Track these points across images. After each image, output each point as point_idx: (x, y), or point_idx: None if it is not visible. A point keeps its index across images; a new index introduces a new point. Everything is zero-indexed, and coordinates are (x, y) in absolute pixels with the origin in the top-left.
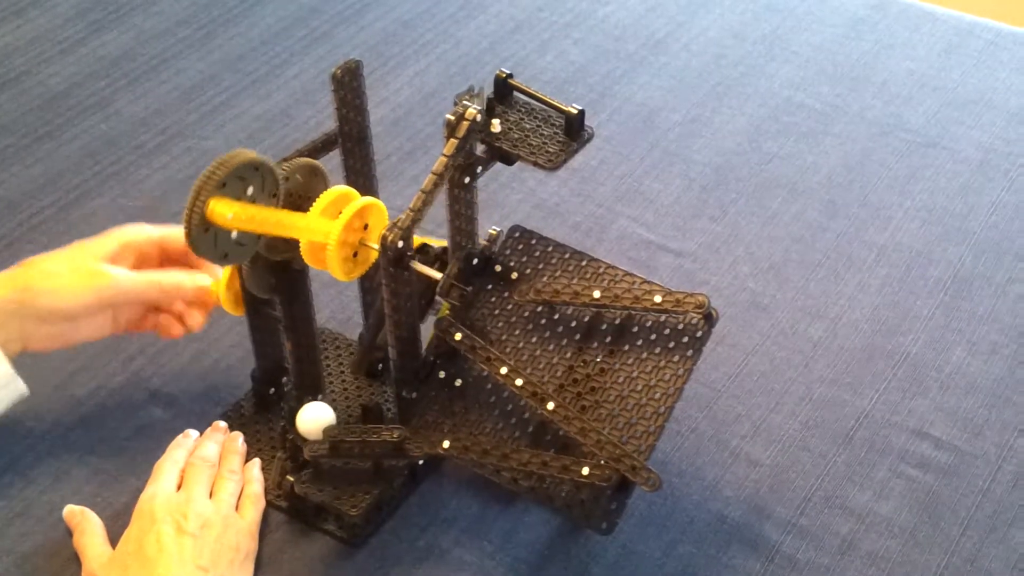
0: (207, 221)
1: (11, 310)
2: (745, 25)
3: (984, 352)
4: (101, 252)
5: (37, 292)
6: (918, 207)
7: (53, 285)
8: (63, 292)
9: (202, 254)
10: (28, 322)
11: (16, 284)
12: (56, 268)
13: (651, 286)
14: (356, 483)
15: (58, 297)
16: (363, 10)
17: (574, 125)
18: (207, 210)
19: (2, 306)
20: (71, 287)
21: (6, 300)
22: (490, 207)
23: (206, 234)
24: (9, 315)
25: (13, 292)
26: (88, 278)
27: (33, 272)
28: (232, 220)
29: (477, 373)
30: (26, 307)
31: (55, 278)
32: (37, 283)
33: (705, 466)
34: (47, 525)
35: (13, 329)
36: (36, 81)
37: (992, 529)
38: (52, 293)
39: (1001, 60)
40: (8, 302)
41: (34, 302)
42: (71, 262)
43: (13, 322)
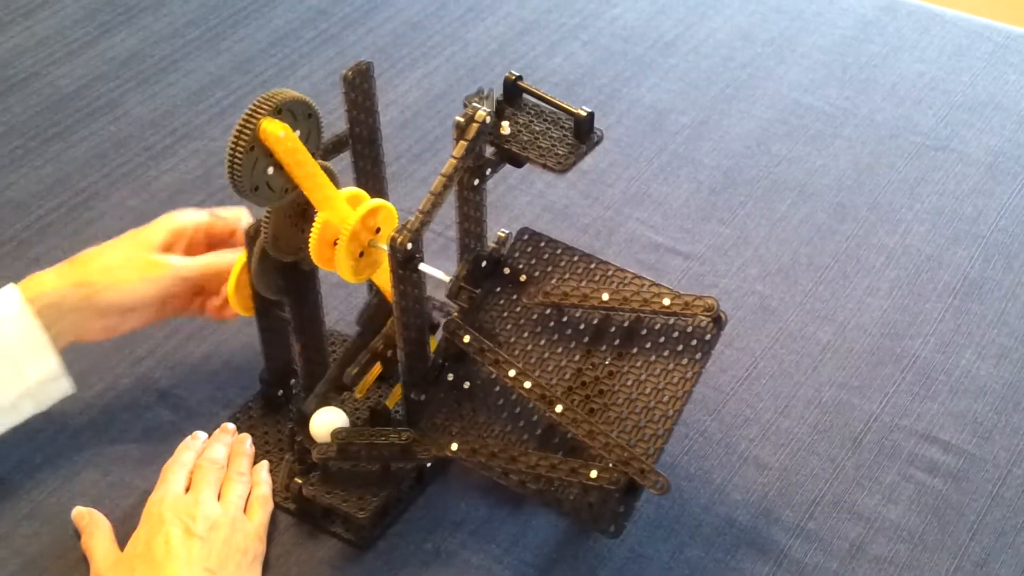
0: (256, 139)
1: (72, 305)
2: (754, 27)
3: (994, 356)
4: (154, 241)
5: (99, 287)
6: (927, 210)
7: (114, 279)
8: (125, 286)
9: (236, 175)
10: (86, 316)
11: (76, 279)
12: (115, 262)
13: (660, 289)
14: (364, 485)
15: (120, 291)
16: (372, 12)
17: (583, 127)
18: (260, 125)
19: (63, 300)
20: (132, 280)
21: (66, 294)
22: (499, 209)
23: (248, 154)
24: (69, 309)
25: (72, 287)
26: (147, 270)
27: (92, 267)
28: (283, 139)
29: (485, 376)
30: (87, 302)
31: (115, 272)
32: (98, 278)
33: (713, 469)
34: (55, 526)
35: (69, 323)
36: (45, 82)
37: (1001, 534)
38: (114, 287)
39: (1011, 63)
40: (69, 296)
41: (95, 297)
42: (128, 255)
43: (71, 316)
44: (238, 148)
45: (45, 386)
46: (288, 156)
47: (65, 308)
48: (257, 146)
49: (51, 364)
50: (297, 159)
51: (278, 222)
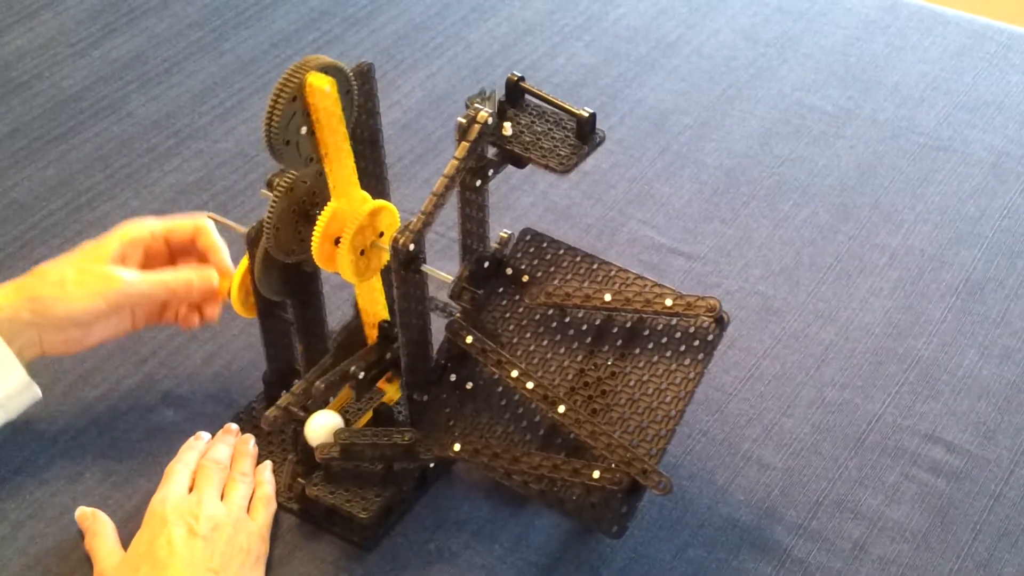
0: (300, 90)
1: (25, 319)
2: (756, 28)
3: (996, 356)
4: (107, 253)
5: (47, 302)
6: (930, 210)
7: (62, 293)
8: (72, 300)
9: (274, 123)
10: (43, 330)
11: (26, 293)
12: (64, 276)
13: (662, 289)
14: (367, 486)
15: (68, 305)
16: (374, 13)
17: (585, 128)
18: (308, 78)
19: (15, 315)
20: (80, 295)
21: (19, 309)
22: (501, 210)
23: (290, 104)
24: (24, 324)
25: (25, 301)
26: (96, 283)
27: (41, 281)
28: (327, 95)
29: (488, 376)
30: (39, 316)
31: (63, 286)
32: (46, 292)
33: (716, 470)
34: (59, 527)
35: (29, 337)
36: (49, 84)
37: (1004, 533)
38: (62, 301)
39: (1014, 63)
40: (21, 311)
41: (47, 312)
42: (79, 268)
43: (29, 330)
44: (281, 96)
45: (13, 398)
46: (326, 116)
47: (20, 323)
48: (300, 98)
49: (18, 377)
50: (332, 123)
51: (280, 223)
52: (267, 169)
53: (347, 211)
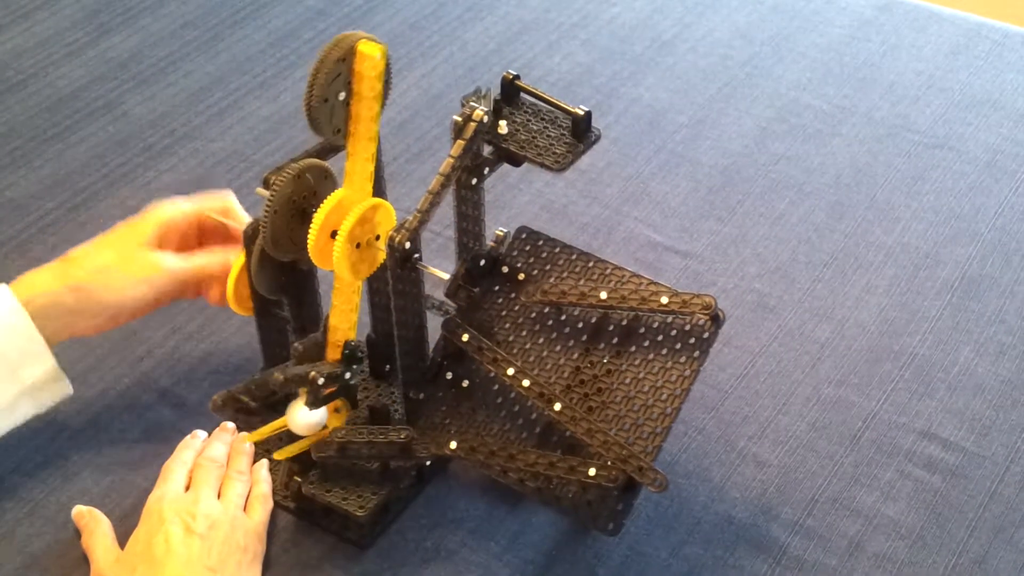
0: (351, 53)
1: (67, 306)
2: (752, 26)
3: (992, 353)
4: (145, 237)
5: (91, 289)
6: (925, 208)
7: (108, 281)
8: (119, 288)
9: (319, 79)
10: (80, 317)
11: (68, 280)
12: (109, 262)
13: (658, 287)
14: (363, 484)
15: (113, 292)
16: (370, 12)
17: (581, 126)
18: (359, 43)
19: (57, 301)
20: (125, 282)
21: (61, 296)
22: (497, 208)
23: (337, 64)
24: (64, 311)
25: (67, 289)
26: (141, 270)
27: (84, 268)
28: (377, 63)
29: (484, 374)
30: (82, 304)
31: (109, 274)
32: (90, 279)
33: (712, 467)
34: (56, 525)
35: (64, 322)
36: (44, 83)
37: (1000, 530)
38: (106, 289)
39: (1008, 61)
40: (64, 298)
41: (89, 299)
42: (121, 254)
43: (65, 316)
44: (332, 52)
45: (43, 388)
46: (367, 85)
47: (60, 310)
48: (348, 59)
49: (48, 365)
50: (370, 96)
51: (277, 221)
52: (262, 168)
53: (350, 201)
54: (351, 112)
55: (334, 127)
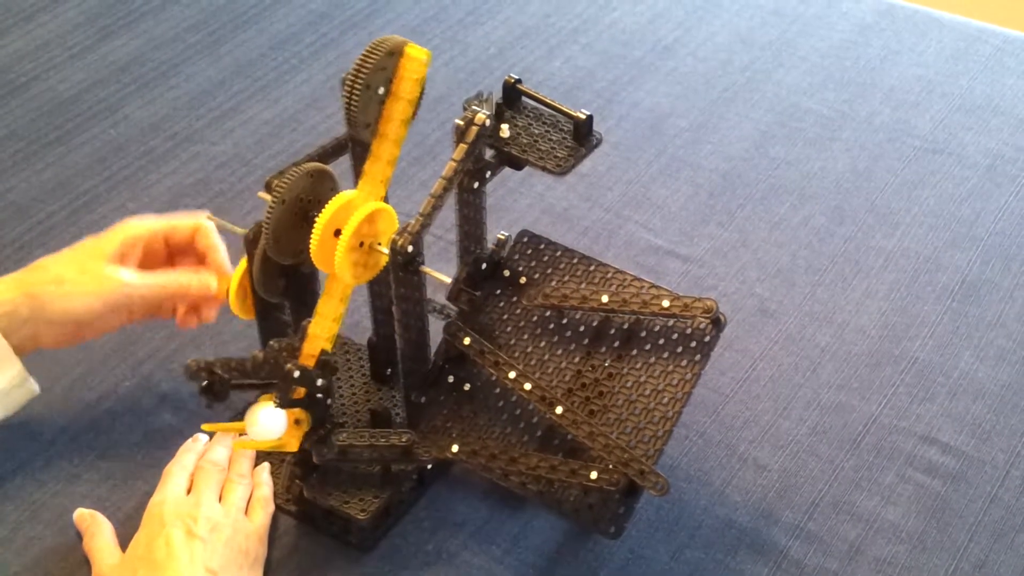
0: (399, 51)
1: (23, 315)
2: (752, 31)
3: (992, 358)
4: (107, 251)
5: (45, 299)
6: (926, 213)
7: (61, 291)
8: (72, 299)
9: (364, 66)
10: (40, 325)
11: (25, 289)
12: (64, 273)
13: (659, 291)
14: (365, 487)
15: (67, 303)
16: (372, 16)
17: (582, 130)
18: (405, 48)
19: (14, 310)
20: (79, 293)
21: (17, 304)
22: (499, 212)
23: (384, 58)
24: (22, 320)
25: (24, 297)
26: (95, 283)
27: (41, 277)
28: (421, 67)
29: (486, 377)
30: (38, 312)
31: (63, 284)
32: (46, 289)
33: (713, 471)
34: (57, 529)
35: (26, 332)
36: (46, 87)
37: (1000, 535)
38: (61, 299)
39: (1008, 66)
40: (19, 307)
41: (45, 308)
42: (78, 266)
43: (26, 326)
44: (379, 48)
45: (10, 392)
46: (407, 85)
47: (18, 318)
48: (396, 55)
49: (15, 371)
50: (408, 97)
51: (279, 224)
52: (265, 172)
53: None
54: (384, 111)
55: (363, 122)
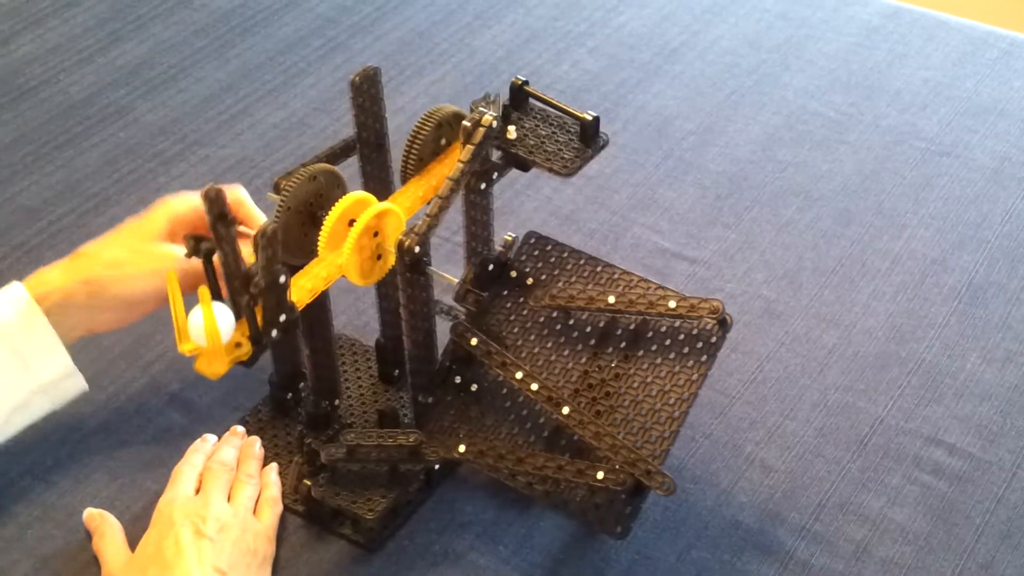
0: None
1: (80, 302)
2: (759, 34)
3: (998, 360)
4: (156, 231)
5: (104, 283)
6: (932, 215)
7: (119, 274)
8: (132, 281)
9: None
10: (95, 312)
11: (80, 276)
12: (118, 256)
13: (666, 292)
14: (372, 487)
15: (126, 285)
16: (379, 20)
17: (589, 132)
18: (477, 109)
19: (70, 297)
20: (137, 274)
21: (73, 292)
22: (506, 214)
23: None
24: (78, 307)
25: (80, 284)
26: (153, 263)
27: (96, 262)
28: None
29: (493, 378)
30: (95, 298)
31: (122, 267)
32: (103, 273)
33: (719, 472)
34: (67, 528)
35: (79, 318)
36: (56, 90)
37: (1007, 536)
38: (119, 282)
39: (1015, 69)
40: (76, 294)
41: (102, 293)
42: (132, 248)
43: (80, 312)
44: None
45: (58, 384)
46: (466, 151)
47: (74, 305)
48: (471, 124)
49: (63, 362)
50: (462, 157)
51: (288, 225)
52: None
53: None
54: (434, 154)
55: (414, 163)
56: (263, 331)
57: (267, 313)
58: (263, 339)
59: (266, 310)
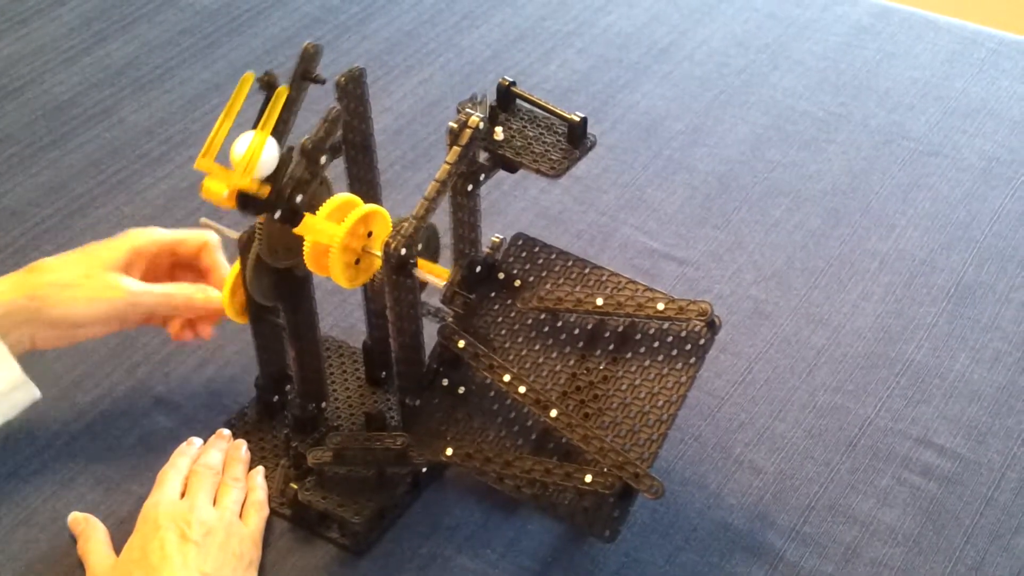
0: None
1: (22, 317)
2: (748, 34)
3: (987, 360)
4: (113, 259)
5: (49, 302)
6: (921, 215)
7: (65, 296)
8: (74, 304)
9: None
10: (38, 326)
11: (27, 290)
12: (68, 278)
13: (654, 293)
14: (359, 491)
15: (70, 308)
16: (366, 20)
17: (577, 133)
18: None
19: (13, 311)
20: (83, 299)
21: (17, 305)
22: (493, 215)
23: None
24: (20, 321)
25: (25, 299)
26: (100, 291)
27: (44, 279)
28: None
29: (480, 380)
30: (37, 314)
31: (67, 289)
32: (49, 292)
33: (708, 474)
34: (51, 532)
35: (23, 332)
36: (41, 90)
37: (996, 537)
38: (64, 303)
39: (1003, 69)
40: (19, 308)
41: (45, 311)
42: (83, 271)
43: (23, 327)
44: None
45: (9, 394)
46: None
47: (17, 319)
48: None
49: (13, 373)
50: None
51: (272, 228)
52: None
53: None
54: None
55: None
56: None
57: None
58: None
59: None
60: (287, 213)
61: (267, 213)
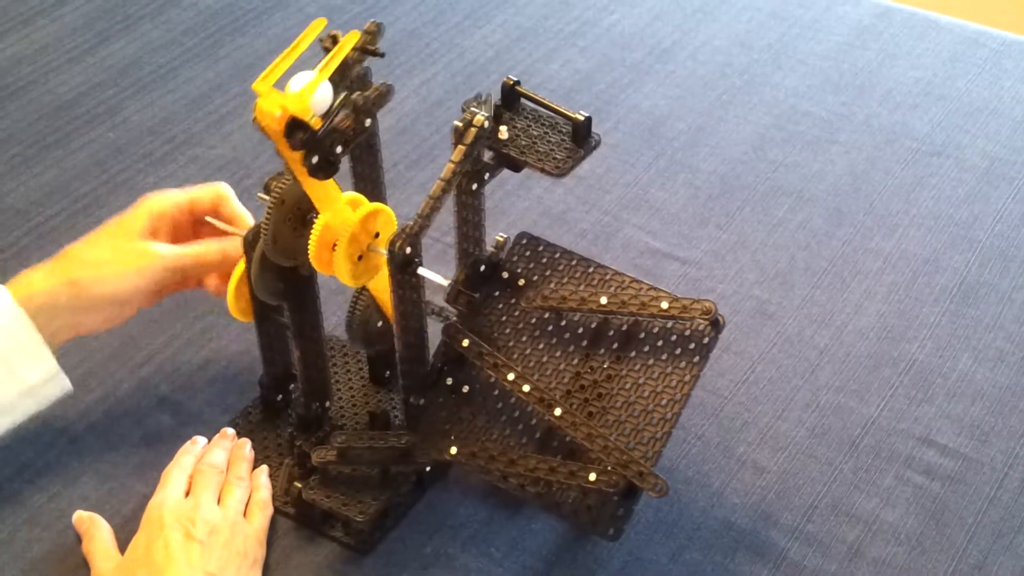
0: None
1: (62, 303)
2: (751, 34)
3: (990, 360)
4: (138, 228)
5: (86, 283)
6: (924, 215)
7: (101, 273)
8: (112, 279)
9: None
10: (80, 312)
11: (63, 277)
12: (100, 255)
13: (658, 292)
14: (363, 490)
15: (108, 284)
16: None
17: (581, 132)
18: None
19: (53, 299)
20: (119, 273)
21: (56, 294)
22: (497, 214)
23: None
24: (60, 308)
25: (63, 285)
26: (134, 260)
27: (77, 263)
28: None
29: (484, 379)
30: (77, 299)
31: (101, 266)
32: (84, 273)
33: (712, 473)
34: (56, 531)
35: (64, 320)
36: (44, 90)
37: (999, 536)
38: (104, 282)
39: (1006, 69)
40: (59, 295)
41: (84, 293)
42: (113, 246)
43: (64, 314)
44: None
45: (43, 386)
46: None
47: (58, 307)
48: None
49: (48, 365)
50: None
51: (277, 226)
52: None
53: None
54: None
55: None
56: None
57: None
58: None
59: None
60: (323, 161)
61: (305, 156)
